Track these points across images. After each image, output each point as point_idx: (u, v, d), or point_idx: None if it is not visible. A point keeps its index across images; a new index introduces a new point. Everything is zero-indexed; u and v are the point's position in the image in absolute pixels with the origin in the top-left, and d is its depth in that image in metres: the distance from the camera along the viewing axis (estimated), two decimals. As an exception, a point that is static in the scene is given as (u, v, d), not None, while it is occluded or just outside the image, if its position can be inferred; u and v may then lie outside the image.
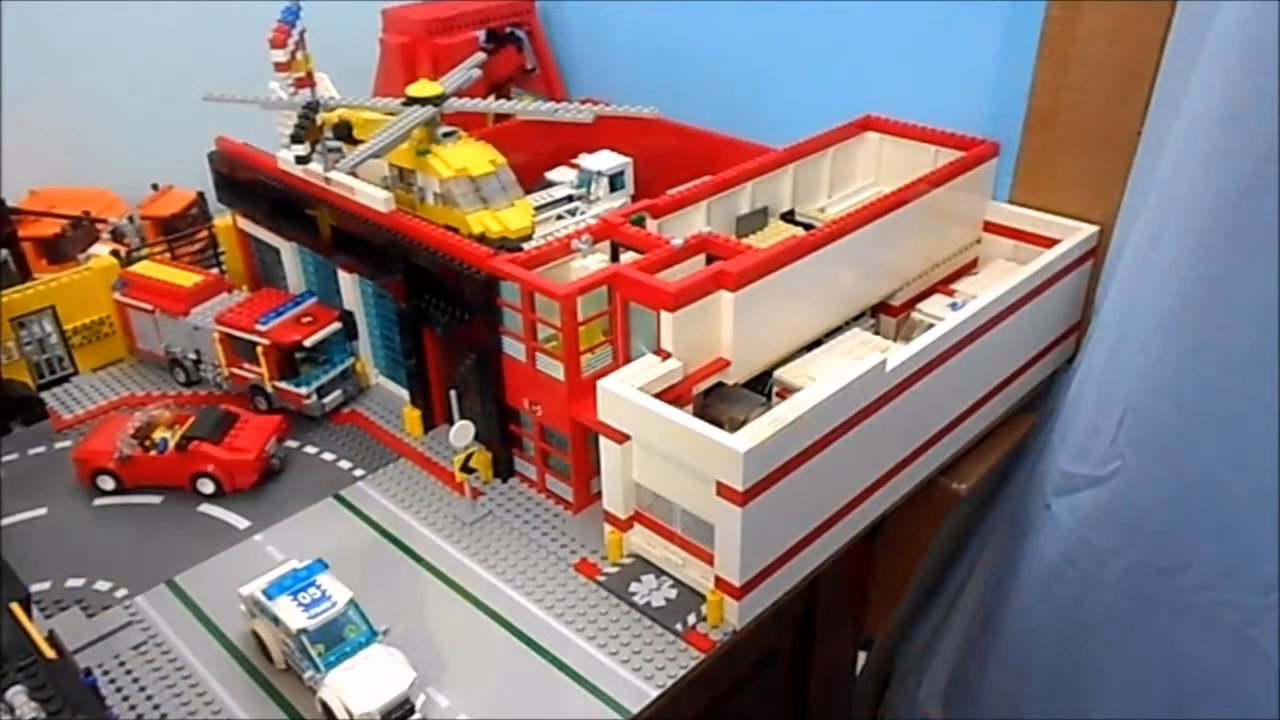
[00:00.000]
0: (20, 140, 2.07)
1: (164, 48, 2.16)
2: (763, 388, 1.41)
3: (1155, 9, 1.46)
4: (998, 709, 1.86)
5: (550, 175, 1.84)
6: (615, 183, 1.81)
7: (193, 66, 1.93)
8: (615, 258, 1.45)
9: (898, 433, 1.39)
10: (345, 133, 1.60)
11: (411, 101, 1.50)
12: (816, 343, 1.46)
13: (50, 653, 0.98)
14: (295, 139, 1.55)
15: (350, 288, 1.67)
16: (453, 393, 1.47)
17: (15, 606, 1.03)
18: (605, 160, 1.82)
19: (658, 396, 1.23)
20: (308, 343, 1.60)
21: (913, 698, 2.07)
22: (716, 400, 1.39)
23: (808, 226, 1.63)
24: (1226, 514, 1.42)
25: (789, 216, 1.71)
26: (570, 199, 1.76)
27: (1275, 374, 1.31)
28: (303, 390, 1.61)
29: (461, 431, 1.39)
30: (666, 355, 1.27)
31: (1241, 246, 1.30)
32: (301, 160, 1.57)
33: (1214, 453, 1.41)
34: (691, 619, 1.24)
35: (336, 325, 1.65)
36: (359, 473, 1.53)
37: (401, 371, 1.64)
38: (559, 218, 1.71)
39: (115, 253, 1.84)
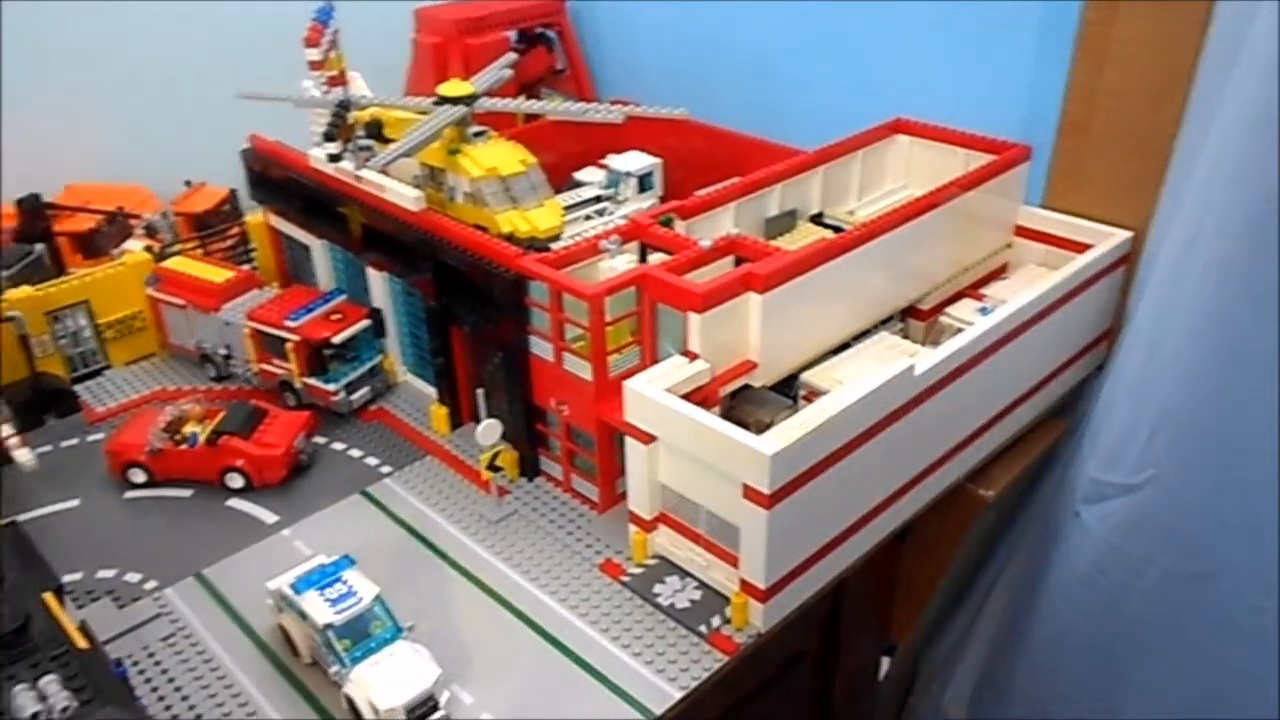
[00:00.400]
0: (57, 136, 2.10)
1: (198, 46, 2.18)
2: (789, 390, 1.41)
3: (1193, 12, 1.44)
4: (1025, 713, 1.85)
5: (579, 175, 1.84)
6: (644, 183, 1.81)
7: (227, 64, 1.95)
8: (644, 258, 1.45)
9: (925, 438, 1.38)
10: (376, 131, 1.61)
11: (443, 101, 1.51)
12: (844, 346, 1.46)
13: (82, 643, 0.99)
14: (327, 137, 1.56)
15: (379, 285, 1.68)
16: (480, 391, 1.47)
17: (49, 596, 1.04)
18: (634, 161, 1.81)
19: (684, 398, 1.23)
20: (337, 339, 1.62)
21: (937, 703, 2.06)
22: (743, 402, 1.38)
23: (837, 229, 1.62)
24: (1262, 519, 1.41)
25: (818, 219, 1.70)
26: (599, 199, 1.76)
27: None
28: (331, 387, 1.62)
29: (488, 430, 1.40)
30: (694, 356, 1.27)
31: (1275, 252, 1.28)
32: (333, 158, 1.58)
33: (1249, 459, 1.39)
34: (716, 621, 1.24)
35: (365, 322, 1.66)
36: (386, 469, 1.54)
37: (429, 369, 1.65)
38: (587, 218, 1.71)
39: (149, 248, 1.86)
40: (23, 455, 1.52)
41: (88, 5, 2.06)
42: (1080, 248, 1.61)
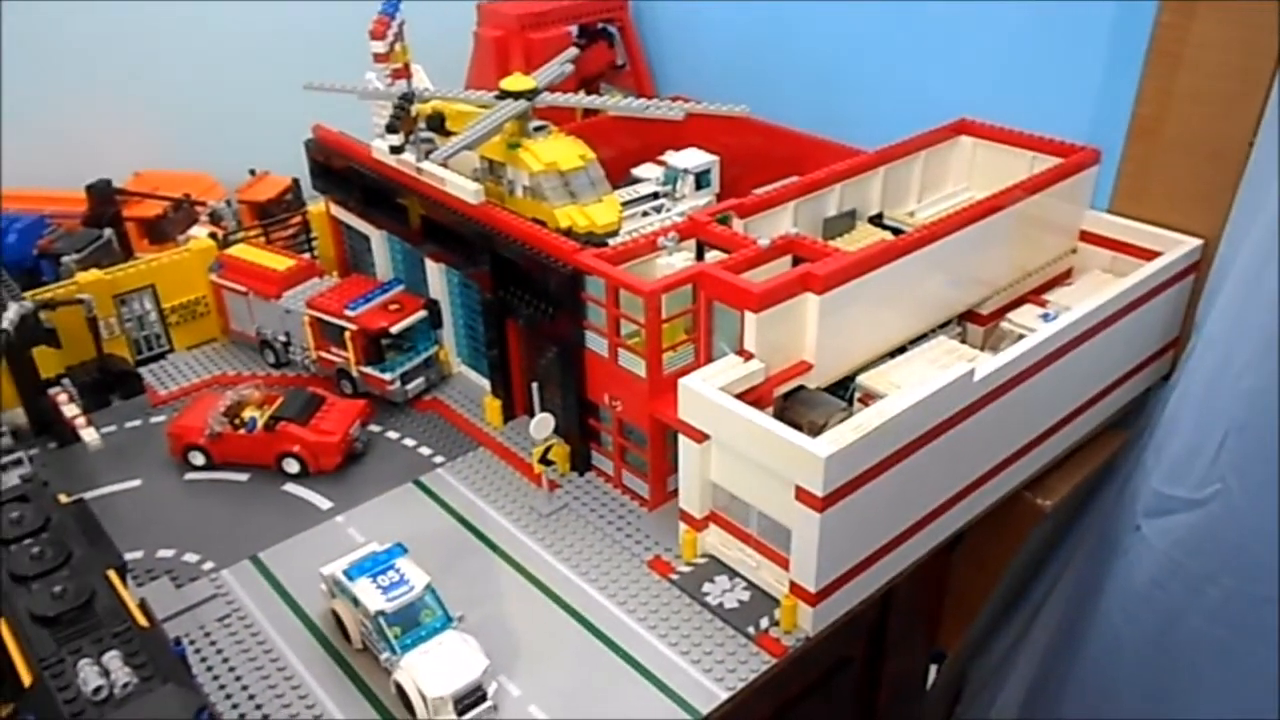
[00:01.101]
0: (127, 124, 2.15)
1: (267, 37, 2.22)
2: (844, 393, 1.39)
3: (1273, 14, 1.40)
4: (1079, 727, 1.82)
5: (636, 172, 1.84)
6: (701, 181, 1.80)
7: (293, 55, 1.98)
8: (700, 256, 1.44)
9: (982, 445, 1.36)
10: (438, 124, 1.62)
11: (504, 95, 1.52)
12: (901, 349, 1.44)
13: (143, 621, 1.00)
14: (390, 129, 1.58)
15: (437, 277, 1.69)
16: (534, 385, 1.48)
17: (112, 574, 1.07)
18: (692, 158, 1.81)
19: (738, 397, 1.22)
20: (394, 329, 1.63)
21: (986, 712, 2.02)
22: (796, 403, 1.37)
23: (897, 231, 1.60)
24: None
25: (878, 220, 1.68)
26: (656, 196, 1.76)
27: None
28: (387, 376, 1.64)
29: (541, 424, 1.40)
30: (749, 356, 1.26)
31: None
32: (395, 150, 1.60)
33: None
34: (764, 623, 1.23)
35: (422, 313, 1.68)
36: (438, 459, 1.55)
37: (483, 361, 1.66)
38: (644, 214, 1.71)
39: (213, 235, 1.89)
40: (88, 435, 1.57)
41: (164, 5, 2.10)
42: (1148, 255, 1.57)
